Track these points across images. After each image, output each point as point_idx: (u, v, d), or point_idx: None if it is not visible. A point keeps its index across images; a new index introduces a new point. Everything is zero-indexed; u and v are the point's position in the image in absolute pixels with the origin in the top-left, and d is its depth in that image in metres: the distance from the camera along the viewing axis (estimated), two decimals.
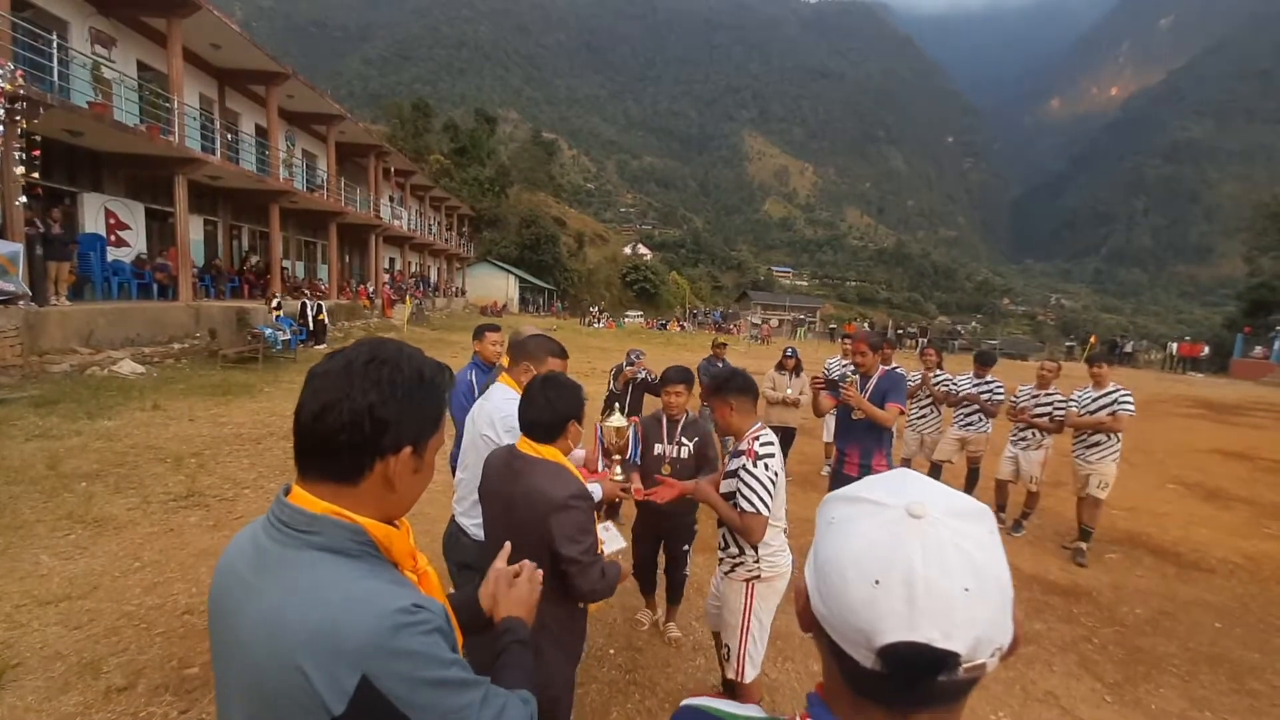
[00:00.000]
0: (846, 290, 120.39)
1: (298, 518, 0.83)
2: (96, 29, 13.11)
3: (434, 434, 0.93)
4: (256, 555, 0.86)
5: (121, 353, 10.27)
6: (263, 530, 0.87)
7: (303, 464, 0.88)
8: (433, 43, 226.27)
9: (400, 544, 0.91)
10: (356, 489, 0.86)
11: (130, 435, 6.67)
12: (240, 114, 18.40)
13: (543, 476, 1.82)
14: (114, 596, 3.54)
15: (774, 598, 2.62)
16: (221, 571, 0.91)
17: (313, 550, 0.82)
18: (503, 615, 1.17)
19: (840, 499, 0.67)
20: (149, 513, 4.76)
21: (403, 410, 0.87)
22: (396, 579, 0.88)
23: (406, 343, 0.96)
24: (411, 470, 0.90)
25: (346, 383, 0.85)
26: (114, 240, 13.52)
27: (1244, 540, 6.02)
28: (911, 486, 0.64)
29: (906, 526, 0.59)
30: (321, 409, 0.84)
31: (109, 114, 11.17)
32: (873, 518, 0.61)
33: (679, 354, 23.04)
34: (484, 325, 3.99)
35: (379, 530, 0.87)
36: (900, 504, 0.61)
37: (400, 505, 0.92)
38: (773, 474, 2.40)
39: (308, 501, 0.84)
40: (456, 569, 2.43)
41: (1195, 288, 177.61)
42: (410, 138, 46.53)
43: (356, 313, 21.05)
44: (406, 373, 0.89)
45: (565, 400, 1.91)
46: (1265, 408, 17.20)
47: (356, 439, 0.84)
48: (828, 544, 0.64)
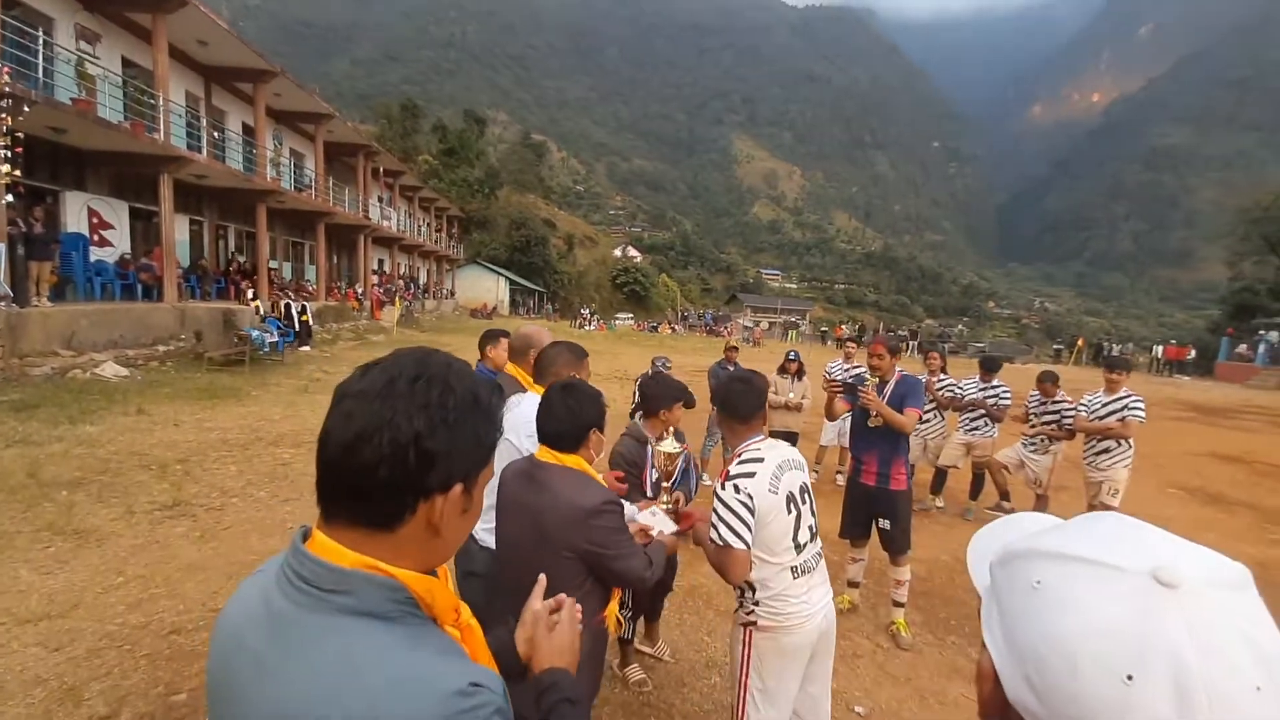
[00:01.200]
0: (835, 293, 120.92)
1: (322, 574, 0.68)
2: (82, 25, 12.81)
3: (486, 465, 0.78)
4: (270, 621, 0.69)
5: (104, 355, 9.99)
6: (277, 587, 0.70)
7: (328, 505, 0.72)
8: (421, 43, 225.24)
9: (443, 597, 0.75)
10: (394, 536, 0.71)
11: (113, 441, 6.45)
12: (227, 112, 18.09)
13: (571, 485, 1.76)
14: (96, 615, 3.35)
15: (777, 658, 2.11)
16: (223, 639, 0.73)
17: (342, 615, 0.67)
18: (544, 666, 1.02)
19: (1041, 555, 0.54)
20: (133, 523, 4.56)
21: (455, 440, 0.71)
22: (443, 646, 0.73)
23: (454, 355, 0.79)
24: (460, 511, 0.74)
25: (388, 406, 0.69)
26: (97, 240, 13.20)
27: (1251, 546, 5.98)
28: (1145, 542, 0.51)
29: (1159, 601, 0.46)
30: (355, 438, 0.68)
31: (93, 111, 10.90)
32: (1105, 586, 0.48)
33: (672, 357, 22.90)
34: (495, 330, 3.88)
35: (420, 585, 0.72)
36: (1142, 568, 0.48)
37: (445, 552, 0.77)
38: (745, 497, 2.01)
39: (334, 552, 0.69)
40: (462, 575, 2.30)
41: (1176, 291, 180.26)
42: (399, 138, 46.20)
43: (345, 314, 20.76)
44: (459, 394, 0.73)
45: (587, 409, 1.82)
46: (1254, 410, 17.37)
47: (399, 476, 0.69)
48: (1038, 618, 0.51)
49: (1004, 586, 0.56)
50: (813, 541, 2.16)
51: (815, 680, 2.22)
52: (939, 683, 3.39)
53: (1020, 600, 0.53)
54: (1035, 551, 0.54)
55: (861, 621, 3.98)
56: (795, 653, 2.10)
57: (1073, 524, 0.57)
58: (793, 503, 2.08)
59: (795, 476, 2.12)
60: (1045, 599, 0.51)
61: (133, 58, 14.23)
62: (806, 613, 2.09)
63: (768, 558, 2.06)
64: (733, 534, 2.00)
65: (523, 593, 1.80)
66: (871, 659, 3.57)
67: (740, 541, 2.00)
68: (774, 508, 2.03)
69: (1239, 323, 34.17)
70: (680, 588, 4.01)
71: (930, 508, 6.36)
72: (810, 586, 2.12)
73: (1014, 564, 0.56)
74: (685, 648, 3.53)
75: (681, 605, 3.96)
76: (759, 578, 2.07)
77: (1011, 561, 0.56)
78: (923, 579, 4.67)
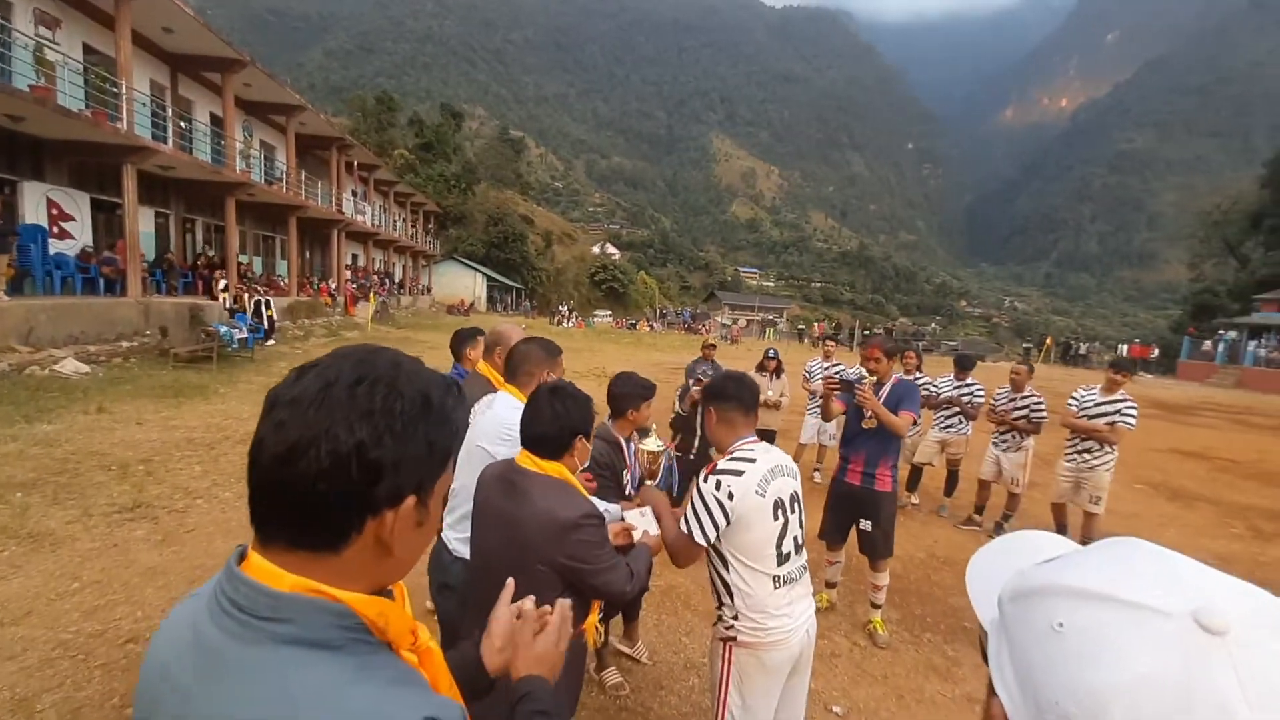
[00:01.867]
0: (812, 291, 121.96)
1: (258, 600, 0.60)
2: (41, 10, 12.35)
3: (443, 474, 0.70)
4: (199, 653, 0.61)
5: (64, 351, 9.64)
6: (208, 615, 0.62)
7: (262, 524, 0.63)
8: (397, 36, 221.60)
9: (398, 620, 0.67)
10: (339, 557, 0.63)
11: (72, 440, 6.21)
12: (194, 102, 17.59)
13: (551, 496, 1.68)
14: (49, 622, 3.21)
15: (760, 676, 2.01)
16: (150, 672, 0.65)
17: (280, 645, 0.59)
18: (522, 673, 0.95)
19: (1064, 593, 0.48)
20: (90, 526, 4.39)
21: (404, 449, 0.63)
22: (397, 675, 0.65)
23: (402, 352, 0.71)
24: (414, 525, 0.67)
25: (325, 414, 0.61)
26: (57, 232, 12.73)
27: (1212, 540, 6.16)
28: (1180, 578, 0.46)
29: (1203, 648, 0.41)
30: (289, 451, 0.60)
31: (52, 98, 10.51)
32: (1140, 630, 0.43)
33: (650, 354, 22.92)
34: (471, 329, 3.78)
35: (371, 608, 0.64)
36: (1181, 610, 0.43)
37: (398, 571, 0.69)
38: (724, 495, 1.94)
39: (270, 575, 0.61)
40: (437, 589, 2.22)
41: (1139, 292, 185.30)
42: (374, 132, 45.35)
43: (318, 310, 20.36)
44: (408, 397, 0.65)
45: (575, 414, 1.74)
46: (1213, 407, 17.93)
47: (341, 492, 0.61)
48: (1062, 666, 0.45)
49: (1018, 626, 0.50)
50: (798, 554, 2.08)
51: (792, 697, 2.13)
52: (916, 681, 3.40)
53: (1039, 644, 0.47)
54: (1055, 588, 0.49)
55: (839, 620, 3.99)
56: (777, 669, 2.02)
57: (1092, 554, 0.51)
58: (780, 510, 2.01)
59: (786, 484, 2.05)
60: (1070, 644, 0.45)
61: (94, 44, 13.75)
62: (789, 628, 2.00)
63: (749, 563, 1.98)
64: (699, 527, 1.96)
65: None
66: (849, 658, 3.58)
67: (701, 537, 1.96)
68: (759, 510, 1.96)
69: (1200, 323, 35.29)
70: (657, 588, 3.99)
71: (905, 505, 6.42)
72: (792, 599, 2.03)
73: (1030, 601, 0.50)
74: (663, 649, 3.50)
75: (659, 606, 3.93)
76: (737, 583, 2.00)
77: (1027, 598, 0.50)
78: (899, 576, 4.70)
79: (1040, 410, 5.76)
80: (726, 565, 2.03)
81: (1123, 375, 5.15)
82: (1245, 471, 9.55)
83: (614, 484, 2.66)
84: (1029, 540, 0.66)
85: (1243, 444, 11.93)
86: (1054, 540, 0.64)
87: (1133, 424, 5.03)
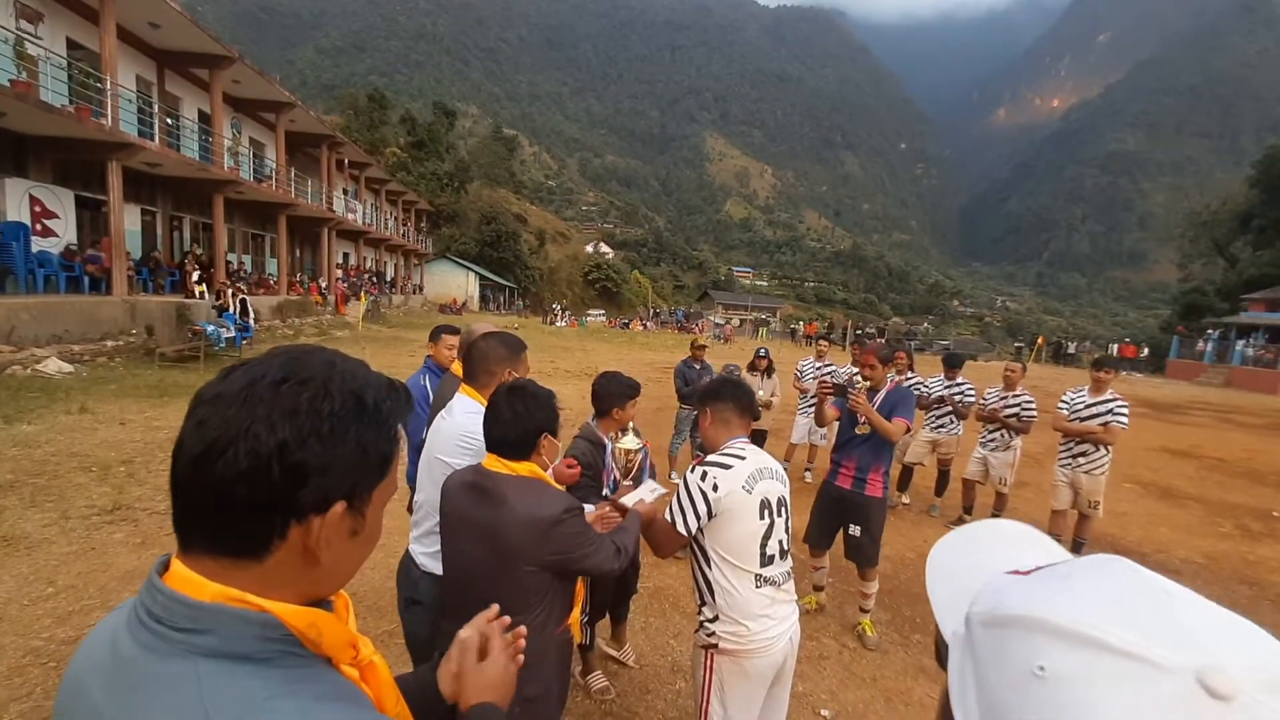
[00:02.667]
0: (805, 291, 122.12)
1: (176, 610, 0.57)
2: (21, 3, 12.15)
3: (380, 482, 0.66)
4: (114, 669, 0.58)
5: (47, 350, 9.51)
6: (126, 628, 0.59)
7: (184, 531, 0.60)
8: (389, 34, 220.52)
9: (334, 632, 0.63)
10: (262, 565, 0.60)
11: (52, 441, 6.11)
12: (182, 98, 17.40)
13: (528, 496, 1.65)
14: (20, 628, 3.14)
15: (743, 684, 1.96)
16: (66, 690, 0.62)
17: (199, 659, 0.55)
18: (471, 703, 0.90)
19: (1048, 630, 0.42)
20: (67, 529, 4.31)
21: (332, 451, 0.60)
22: (328, 690, 0.60)
23: (341, 352, 0.67)
24: (346, 534, 0.63)
25: (246, 412, 0.58)
26: (40, 230, 12.54)
27: (1201, 539, 6.16)
28: (1181, 624, 0.40)
29: (1205, 713, 0.36)
30: (206, 451, 0.57)
31: (34, 93, 10.35)
32: (1135, 687, 0.38)
33: (643, 353, 22.87)
34: (441, 327, 3.68)
35: (301, 619, 0.60)
36: (1184, 666, 0.38)
37: (331, 582, 0.66)
38: (709, 487, 1.94)
39: (191, 584, 0.57)
40: (405, 604, 2.11)
41: (1129, 291, 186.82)
42: (365, 130, 45.08)
43: (308, 309, 20.20)
44: (339, 397, 0.61)
45: (535, 413, 1.69)
46: (1202, 406, 18.03)
47: (260, 495, 0.58)
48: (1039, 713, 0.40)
49: (990, 657, 0.45)
50: (782, 559, 2.04)
51: (774, 706, 2.10)
52: (905, 683, 3.37)
53: (1014, 685, 0.42)
54: (1038, 623, 0.43)
55: (828, 622, 3.95)
56: (759, 677, 1.99)
57: (1080, 580, 0.45)
58: (767, 510, 1.99)
59: (774, 487, 2.04)
60: (1052, 693, 0.40)
61: (78, 39, 13.56)
62: (772, 633, 1.97)
63: (731, 559, 1.96)
64: (681, 516, 1.98)
65: None
66: (838, 660, 3.55)
67: (683, 526, 1.97)
68: (744, 506, 1.95)
69: (1189, 322, 35.54)
70: (645, 590, 3.94)
71: (896, 505, 6.40)
72: (774, 601, 1.99)
73: (1007, 632, 0.44)
74: (650, 652, 3.45)
75: (646, 608, 3.88)
76: (718, 580, 1.97)
77: (1003, 627, 0.45)
78: (889, 577, 4.68)
79: (1030, 409, 5.75)
80: (709, 561, 2.02)
81: (1106, 373, 5.04)
82: (1234, 470, 9.58)
83: (595, 484, 2.61)
84: (997, 532, 0.61)
85: (1231, 443, 11.99)
86: (1021, 531, 0.60)
87: (1125, 423, 4.94)
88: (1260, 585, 5.08)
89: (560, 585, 1.70)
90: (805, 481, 6.97)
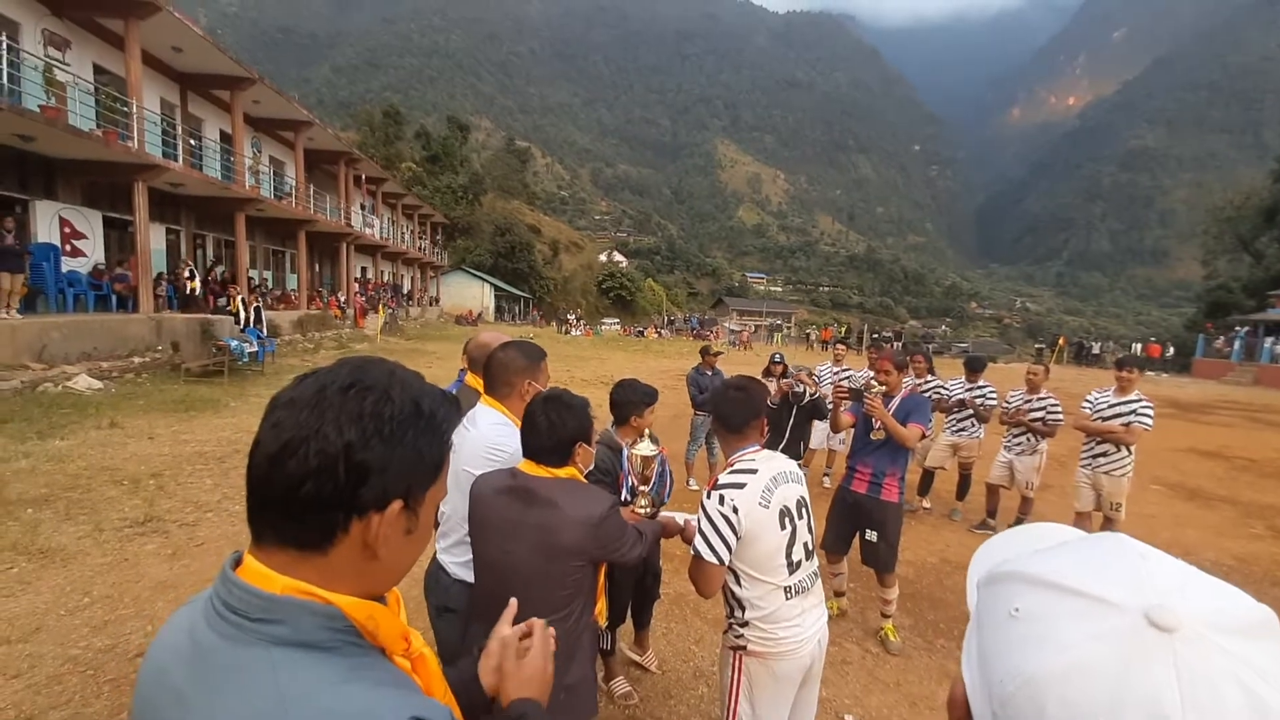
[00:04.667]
0: (820, 295, 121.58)
1: (250, 601, 0.62)
2: (50, 31, 12.56)
3: (433, 484, 0.71)
4: (194, 655, 0.63)
5: (77, 368, 9.75)
6: (203, 618, 0.64)
7: (257, 524, 0.66)
8: (403, 51, 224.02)
9: (389, 625, 0.69)
10: (326, 558, 0.65)
11: (84, 456, 6.26)
12: (204, 120, 17.82)
13: (578, 497, 1.74)
14: (59, 638, 3.22)
15: (771, 685, 1.98)
16: (146, 676, 0.67)
17: (272, 646, 0.61)
18: (512, 697, 0.94)
19: (1026, 580, 0.47)
20: (101, 541, 4.41)
21: (391, 453, 0.66)
22: (385, 676, 0.66)
23: (400, 364, 0.73)
24: (402, 532, 0.69)
25: (316, 415, 0.64)
26: (69, 250, 12.90)
27: (1231, 541, 6.04)
28: (1146, 574, 0.44)
29: (1149, 644, 0.40)
30: (281, 450, 0.63)
31: (63, 118, 10.68)
32: (1088, 622, 0.42)
33: (659, 361, 22.90)
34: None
35: (360, 611, 0.66)
36: (1135, 605, 0.42)
37: (387, 578, 0.71)
38: (729, 510, 1.89)
39: (262, 577, 0.63)
40: (436, 612, 2.14)
41: (1152, 290, 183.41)
42: (381, 145, 45.84)
43: (327, 323, 20.49)
44: (399, 403, 0.67)
45: (569, 422, 1.74)
46: (1229, 405, 17.65)
47: (327, 491, 0.63)
48: (1011, 650, 0.45)
49: (985, 610, 0.50)
50: (808, 560, 2.03)
51: (803, 708, 2.10)
52: (929, 688, 3.34)
53: (997, 628, 0.48)
54: (1018, 575, 0.48)
55: (850, 627, 3.93)
56: (788, 679, 1.98)
57: (1069, 545, 0.50)
58: (787, 518, 1.96)
59: (791, 490, 2.00)
60: (1021, 630, 0.45)
61: (104, 64, 13.98)
62: (801, 637, 1.96)
63: (758, 576, 1.93)
64: (708, 547, 1.90)
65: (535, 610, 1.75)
66: (861, 665, 3.53)
67: (714, 556, 1.89)
68: (764, 523, 1.91)
69: (1215, 320, 34.82)
70: (667, 595, 3.95)
71: (917, 509, 6.35)
72: (804, 609, 1.99)
73: (997, 586, 0.50)
74: (672, 658, 3.46)
75: (668, 614, 3.89)
76: (748, 597, 1.95)
77: (995, 583, 0.51)
78: (910, 581, 4.64)
79: (1056, 412, 5.68)
80: (738, 580, 1.98)
81: (1130, 372, 4.91)
82: (1265, 470, 9.37)
83: (613, 491, 2.64)
84: (1036, 531, 0.63)
85: (1261, 442, 11.73)
86: (1062, 531, 0.61)
87: (1149, 424, 4.82)
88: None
89: (594, 576, 1.79)
90: (824, 487, 6.94)
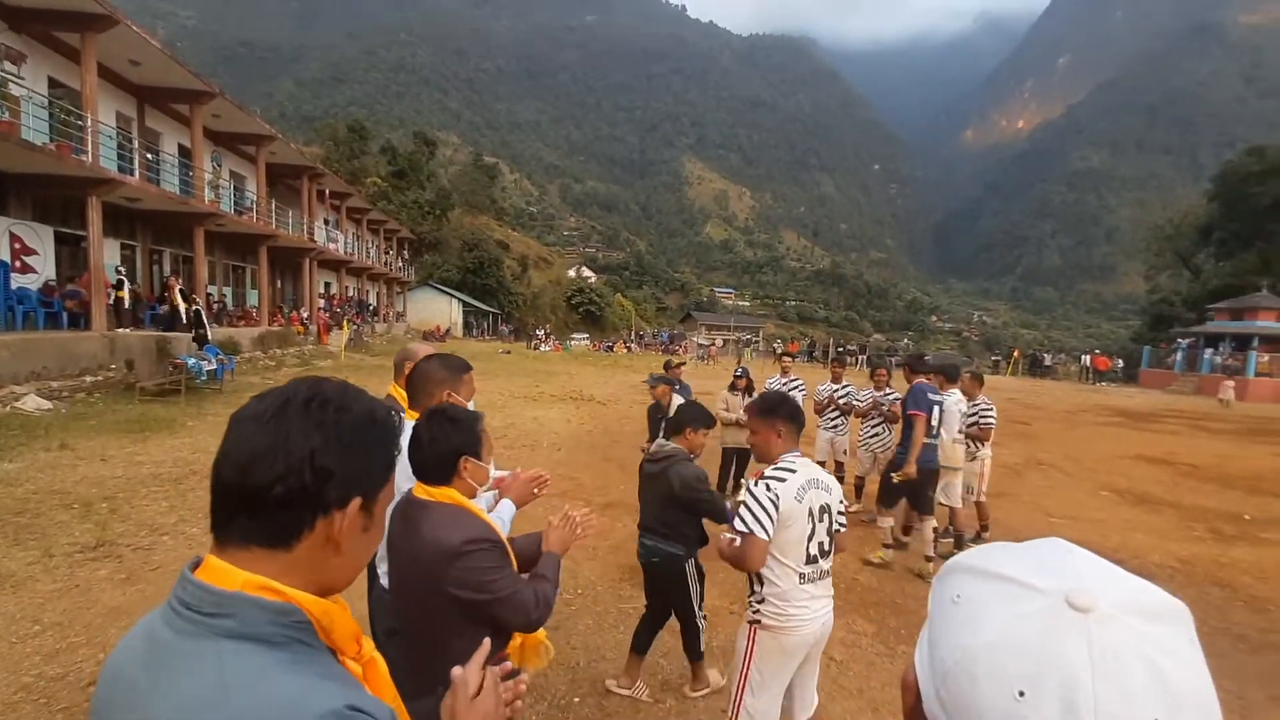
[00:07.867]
0: (787, 310, 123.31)
1: (203, 598, 0.67)
2: (5, 45, 12.21)
3: (385, 484, 0.79)
4: (149, 650, 0.68)
5: (26, 387, 9.41)
6: (161, 618, 0.69)
7: (222, 526, 0.72)
8: (369, 65, 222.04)
9: (343, 623, 0.74)
10: (290, 554, 0.71)
11: (33, 479, 6.05)
12: (162, 133, 17.46)
13: (437, 523, 1.59)
14: (10, 666, 3.12)
15: (779, 656, 2.36)
16: (106, 675, 0.71)
17: (221, 639, 0.65)
18: None
19: (967, 570, 0.54)
20: (51, 567, 4.28)
21: (351, 457, 0.74)
22: (330, 671, 0.70)
23: (350, 382, 0.82)
24: (360, 528, 0.76)
25: (282, 426, 0.71)
26: (19, 266, 12.45)
27: (1175, 544, 6.33)
28: (1073, 565, 0.50)
29: (1066, 622, 0.45)
30: (251, 459, 0.70)
31: (15, 132, 10.38)
32: (1016, 604, 0.48)
33: (627, 376, 22.95)
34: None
35: (316, 607, 0.71)
36: (1058, 588, 0.47)
37: (345, 572, 0.77)
38: (774, 495, 2.26)
39: (221, 575, 0.68)
40: (385, 636, 2.08)
41: (1101, 304, 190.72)
42: (346, 160, 45.31)
43: (289, 340, 20.07)
44: (355, 412, 0.76)
45: (453, 436, 1.65)
46: (1174, 414, 18.46)
47: (295, 492, 0.70)
48: (951, 631, 0.51)
49: (934, 600, 0.56)
50: (823, 559, 2.38)
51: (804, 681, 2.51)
52: (891, 693, 3.44)
53: (942, 614, 0.53)
54: (961, 566, 0.55)
55: None
56: (793, 652, 2.36)
57: (1010, 545, 0.56)
58: (812, 517, 2.32)
59: (819, 496, 2.35)
60: (961, 613, 0.51)
61: (60, 78, 13.63)
62: (807, 617, 2.33)
63: (781, 558, 2.30)
64: (757, 523, 2.25)
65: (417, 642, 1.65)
66: (825, 673, 3.60)
67: (762, 531, 2.25)
68: (796, 513, 2.28)
69: (1157, 332, 36.45)
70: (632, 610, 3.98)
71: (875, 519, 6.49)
72: (814, 596, 2.35)
73: (944, 579, 0.56)
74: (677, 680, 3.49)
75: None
76: (769, 575, 2.31)
77: (944, 576, 0.56)
78: (873, 589, 4.77)
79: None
80: None
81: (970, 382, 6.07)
82: (1206, 475, 9.84)
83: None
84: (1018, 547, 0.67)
85: (1203, 449, 12.31)
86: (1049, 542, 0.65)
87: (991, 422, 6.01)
88: (1232, 587, 5.24)
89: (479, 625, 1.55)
90: None
